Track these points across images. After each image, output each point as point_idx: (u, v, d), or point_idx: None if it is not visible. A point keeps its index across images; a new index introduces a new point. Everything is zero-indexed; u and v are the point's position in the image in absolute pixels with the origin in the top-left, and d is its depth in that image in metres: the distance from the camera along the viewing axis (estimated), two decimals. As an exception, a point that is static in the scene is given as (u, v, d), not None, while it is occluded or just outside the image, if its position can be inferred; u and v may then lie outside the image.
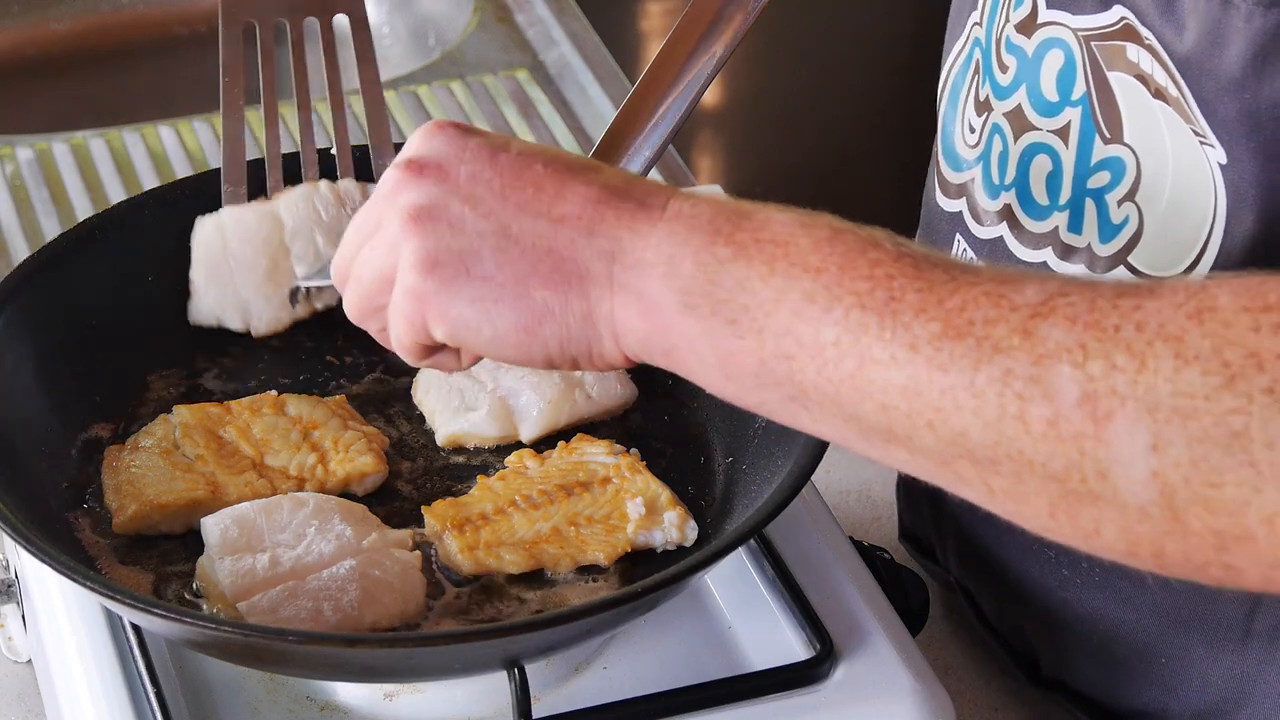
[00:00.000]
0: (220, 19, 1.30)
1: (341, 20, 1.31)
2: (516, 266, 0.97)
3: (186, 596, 1.15)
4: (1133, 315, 0.84)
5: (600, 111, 1.90)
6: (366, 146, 1.31)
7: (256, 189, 1.30)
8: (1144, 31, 1.09)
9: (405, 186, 1.00)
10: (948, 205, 1.27)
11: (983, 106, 1.22)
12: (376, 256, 1.01)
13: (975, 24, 1.23)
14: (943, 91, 1.27)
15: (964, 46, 1.24)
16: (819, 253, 0.91)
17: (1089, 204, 1.15)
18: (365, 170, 1.32)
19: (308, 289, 1.29)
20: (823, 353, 0.90)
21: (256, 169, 1.30)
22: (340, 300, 1.28)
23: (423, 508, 1.19)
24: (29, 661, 1.32)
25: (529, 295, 0.97)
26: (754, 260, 0.93)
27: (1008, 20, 1.18)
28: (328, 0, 1.31)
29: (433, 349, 1.03)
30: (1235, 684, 1.19)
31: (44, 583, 1.21)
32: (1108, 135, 1.13)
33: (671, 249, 0.94)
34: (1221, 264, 1.10)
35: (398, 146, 1.28)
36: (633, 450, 1.23)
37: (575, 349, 0.98)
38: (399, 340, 1.03)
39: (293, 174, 1.31)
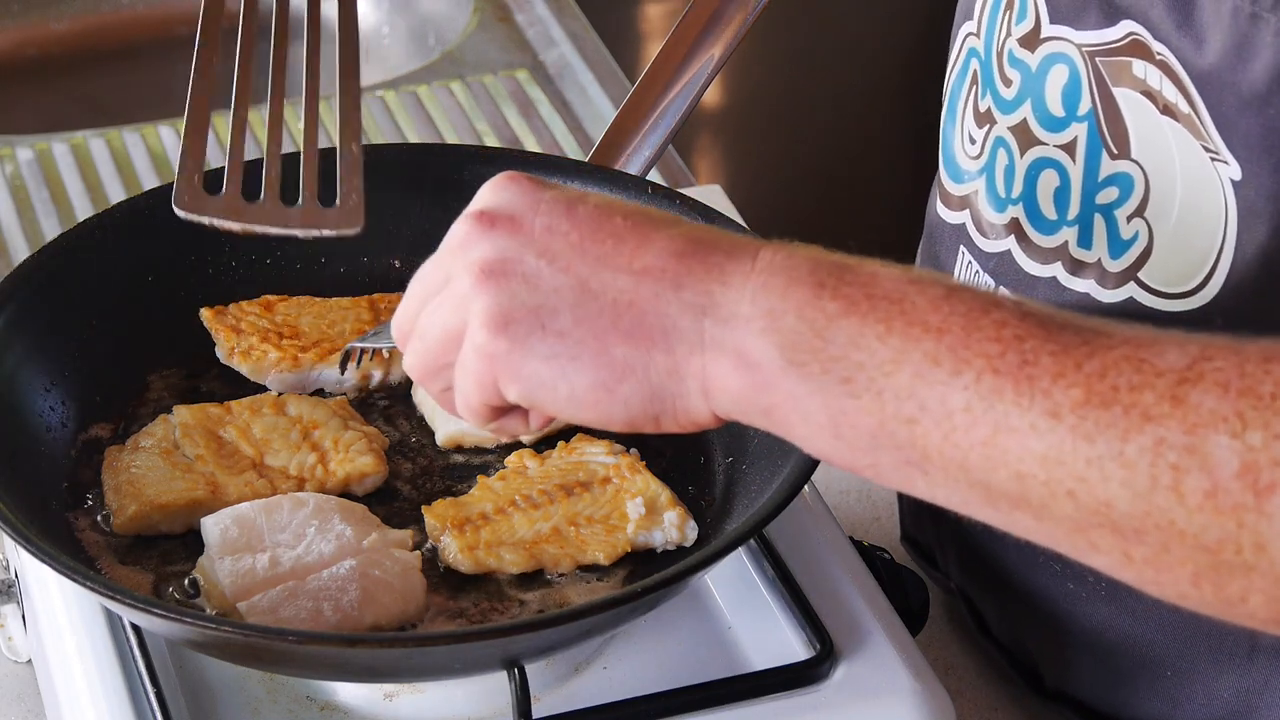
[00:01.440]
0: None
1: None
2: (596, 322, 0.92)
3: (186, 596, 1.15)
4: None
5: (600, 111, 1.90)
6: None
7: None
8: (1156, 47, 1.08)
9: (476, 240, 0.95)
10: (950, 217, 1.26)
11: (984, 118, 1.21)
12: (444, 313, 0.96)
13: (970, 34, 1.22)
14: (944, 99, 1.27)
15: (959, 56, 1.24)
16: (938, 312, 0.88)
17: (1098, 219, 1.15)
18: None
19: (360, 353, 1.26)
20: (951, 418, 0.86)
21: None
22: (384, 372, 1.28)
23: (423, 508, 1.19)
24: (29, 661, 1.32)
25: (609, 352, 0.92)
26: (867, 317, 0.88)
27: (1009, 34, 1.18)
28: None
29: (501, 411, 0.98)
30: (1241, 699, 1.19)
31: (44, 583, 1.21)
32: (1115, 151, 1.12)
33: (770, 302, 0.90)
34: (1233, 281, 1.09)
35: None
36: (632, 450, 1.23)
37: (658, 408, 0.93)
38: (466, 401, 0.97)
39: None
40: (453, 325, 0.96)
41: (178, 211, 1.18)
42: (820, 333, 0.89)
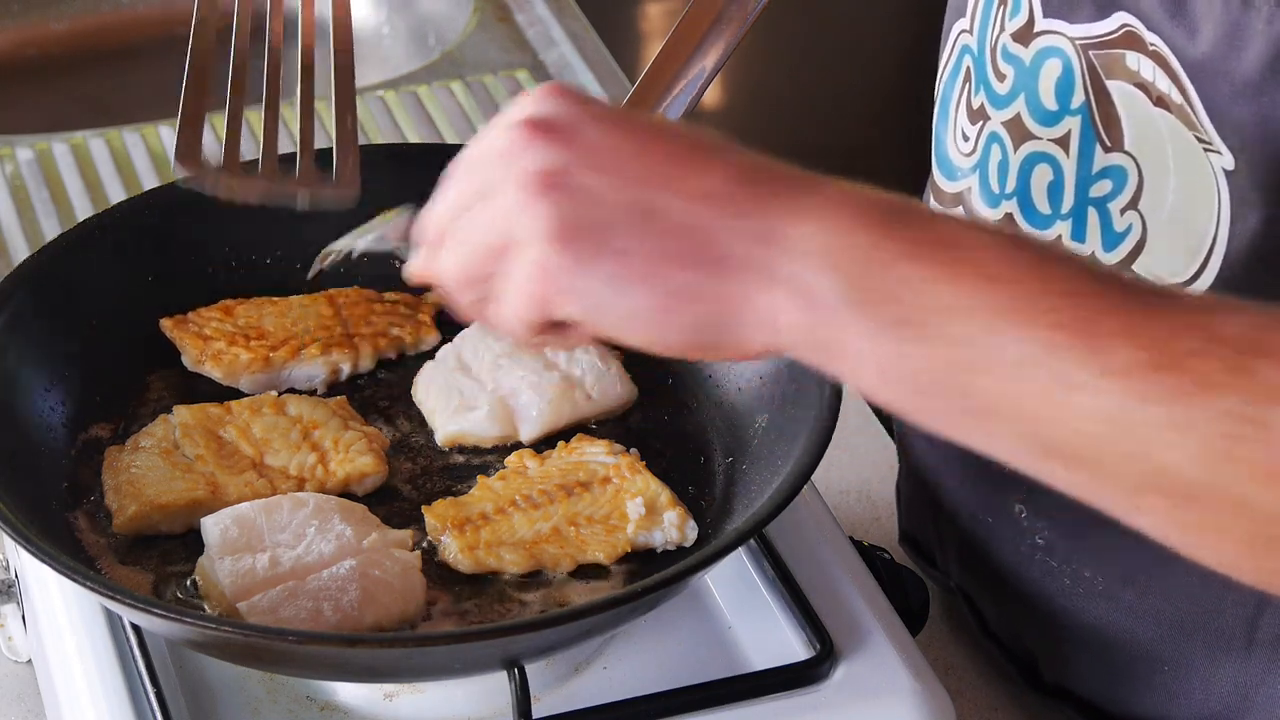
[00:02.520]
0: None
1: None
2: (658, 245, 0.90)
3: (186, 596, 1.15)
4: None
5: (600, 111, 1.90)
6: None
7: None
8: (1149, 37, 1.09)
9: (525, 148, 0.91)
10: None
11: (977, 115, 1.21)
12: (489, 222, 0.93)
13: (964, 31, 1.23)
14: (936, 97, 1.27)
15: (951, 54, 1.24)
16: (1003, 263, 0.87)
17: (1091, 213, 1.15)
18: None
19: (335, 257, 1.18)
20: (1009, 370, 0.85)
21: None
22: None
23: (423, 507, 1.19)
24: (29, 661, 1.32)
25: (671, 277, 0.90)
26: (930, 261, 0.87)
27: (1002, 29, 1.18)
28: None
29: (546, 327, 0.95)
30: (1238, 692, 1.19)
31: (44, 583, 1.21)
32: (1108, 144, 1.13)
33: (834, 238, 0.88)
34: (1227, 270, 1.09)
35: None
36: (632, 450, 1.23)
37: (713, 336, 0.91)
38: (513, 314, 0.94)
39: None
40: (499, 237, 0.93)
41: (177, 171, 1.16)
42: (882, 273, 0.88)
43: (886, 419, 1.52)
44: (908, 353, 0.88)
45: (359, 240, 1.16)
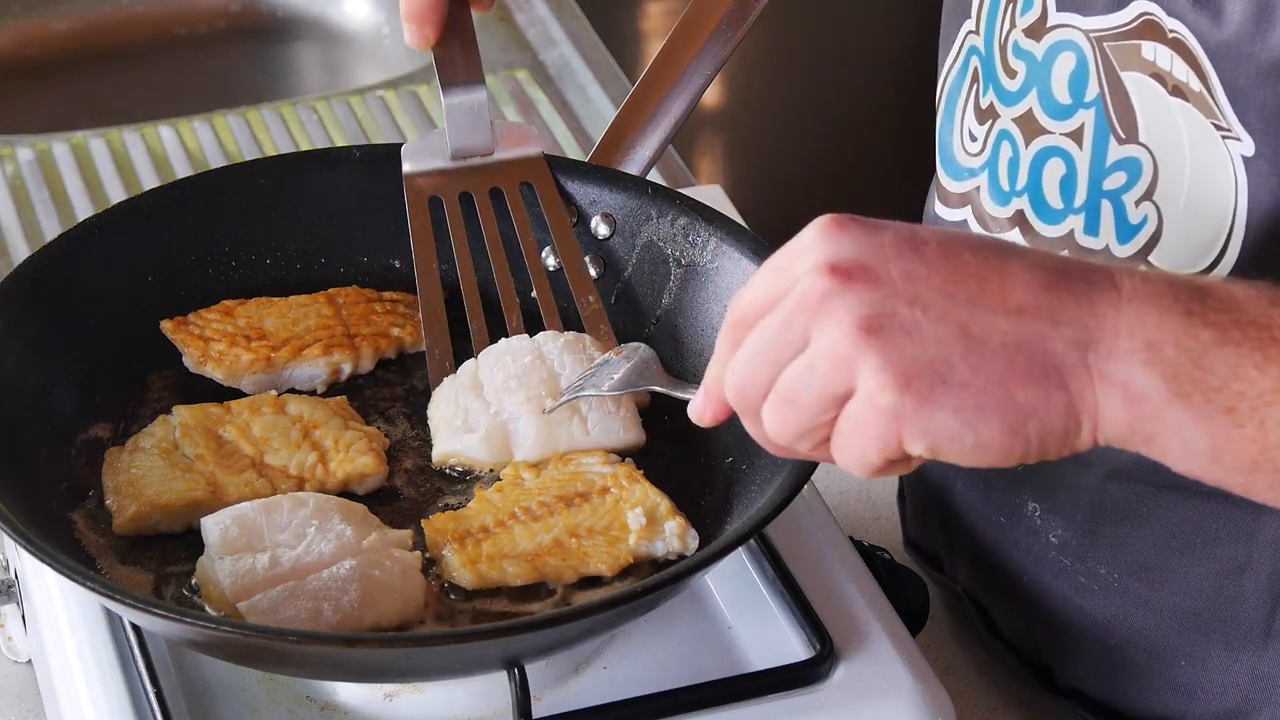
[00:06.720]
0: (406, 199, 1.31)
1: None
2: (992, 369, 0.92)
3: (186, 596, 1.15)
4: None
5: (600, 111, 1.90)
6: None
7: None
8: (1170, 24, 1.09)
9: (838, 296, 0.92)
10: (949, 215, 1.26)
11: (985, 114, 1.21)
12: (823, 375, 0.93)
13: (970, 32, 1.23)
14: (939, 101, 1.27)
15: (958, 56, 1.24)
16: None
17: (1105, 205, 1.15)
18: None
19: None
20: None
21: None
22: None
23: (422, 521, 1.19)
24: (29, 661, 1.32)
25: (1012, 398, 0.92)
26: (1242, 345, 0.91)
27: (1013, 25, 1.18)
28: (511, 171, 1.31)
29: (888, 463, 0.96)
30: (1255, 685, 1.19)
31: (44, 583, 1.21)
32: (1123, 135, 1.13)
33: (1147, 333, 0.92)
34: (1246, 258, 1.10)
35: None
36: (628, 460, 1.22)
37: (1053, 444, 0.94)
38: (862, 458, 0.95)
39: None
40: (836, 387, 0.93)
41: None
42: (1199, 362, 0.91)
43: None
44: (1236, 437, 0.92)
45: (604, 386, 1.21)
